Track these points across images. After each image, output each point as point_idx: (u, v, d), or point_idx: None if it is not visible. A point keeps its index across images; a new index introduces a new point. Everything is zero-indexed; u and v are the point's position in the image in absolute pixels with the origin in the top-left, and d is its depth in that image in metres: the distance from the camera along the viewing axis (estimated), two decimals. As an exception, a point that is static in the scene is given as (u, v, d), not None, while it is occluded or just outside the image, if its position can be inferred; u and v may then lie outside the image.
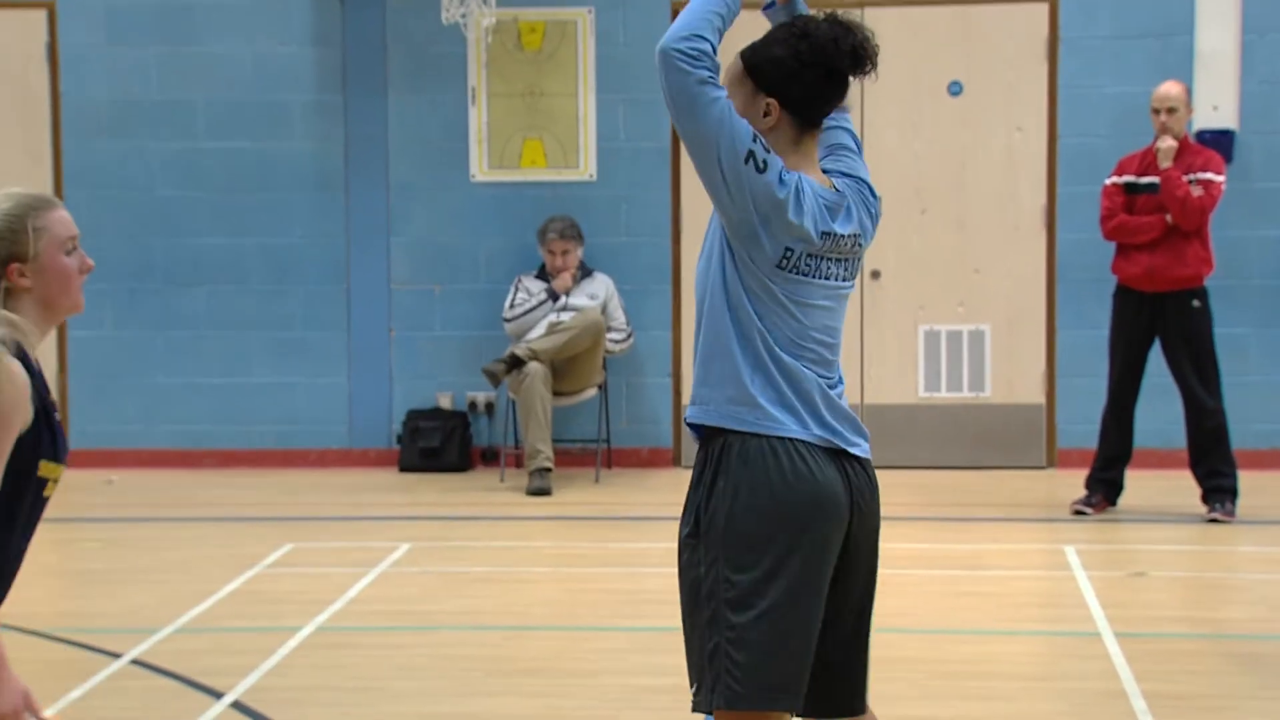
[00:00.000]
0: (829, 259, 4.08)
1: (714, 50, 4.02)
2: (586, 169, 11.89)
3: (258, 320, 12.00)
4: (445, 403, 12.04)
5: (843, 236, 4.09)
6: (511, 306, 11.59)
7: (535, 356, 11.19)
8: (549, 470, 11.09)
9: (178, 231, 11.96)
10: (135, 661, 6.94)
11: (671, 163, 11.83)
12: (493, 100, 11.91)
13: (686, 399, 6.92)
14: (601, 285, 11.61)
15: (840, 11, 4.12)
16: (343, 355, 12.04)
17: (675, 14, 11.82)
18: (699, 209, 11.82)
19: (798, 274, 4.03)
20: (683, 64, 3.99)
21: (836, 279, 4.10)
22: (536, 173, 11.92)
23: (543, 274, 11.64)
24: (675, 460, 11.90)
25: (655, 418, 11.94)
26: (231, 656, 6.99)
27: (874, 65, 4.04)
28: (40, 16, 11.89)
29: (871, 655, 4.29)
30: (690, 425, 4.14)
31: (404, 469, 11.84)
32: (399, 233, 12.01)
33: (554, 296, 11.53)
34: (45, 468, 4.02)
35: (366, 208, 11.98)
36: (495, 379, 11.27)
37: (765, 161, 3.95)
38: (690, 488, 4.13)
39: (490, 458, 11.99)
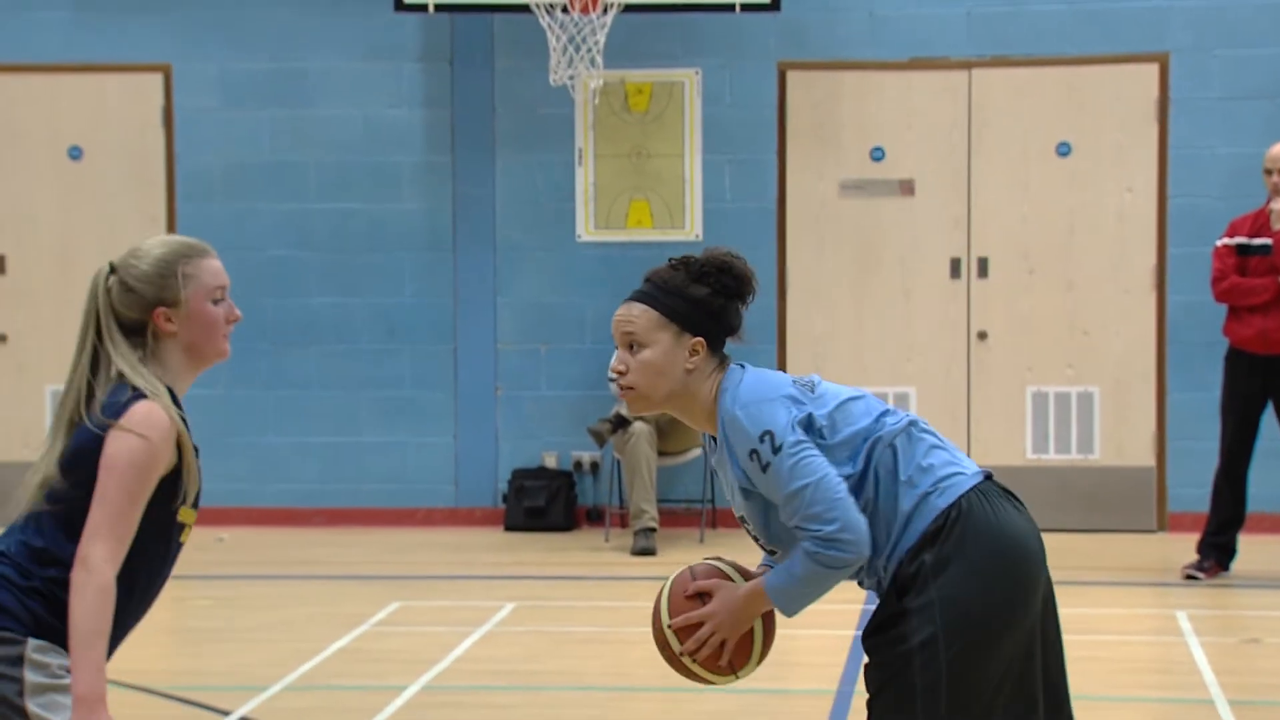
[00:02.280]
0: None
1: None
2: (692, 229, 11.92)
3: (367, 380, 12.09)
4: (550, 462, 12.07)
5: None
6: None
7: (640, 417, 11.21)
8: (654, 530, 11.09)
9: (289, 292, 12.09)
10: (244, 719, 6.98)
11: (777, 222, 11.83)
12: (599, 161, 11.97)
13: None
14: (707, 346, 11.61)
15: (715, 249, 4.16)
16: (450, 415, 12.10)
17: (781, 75, 11.90)
18: (804, 268, 11.82)
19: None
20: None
21: None
22: (642, 233, 11.96)
23: (648, 334, 11.65)
24: (781, 521, 11.84)
25: (761, 478, 11.89)
26: (338, 715, 7.02)
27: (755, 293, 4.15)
28: (157, 80, 12.09)
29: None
30: None
31: (509, 528, 11.87)
32: (506, 292, 12.08)
33: (660, 357, 11.53)
34: (183, 513, 4.13)
35: (474, 268, 12.06)
36: (600, 439, 11.29)
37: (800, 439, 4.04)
38: None
39: (595, 517, 12.00)
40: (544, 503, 11.85)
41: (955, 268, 11.71)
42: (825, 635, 8.33)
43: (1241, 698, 7.32)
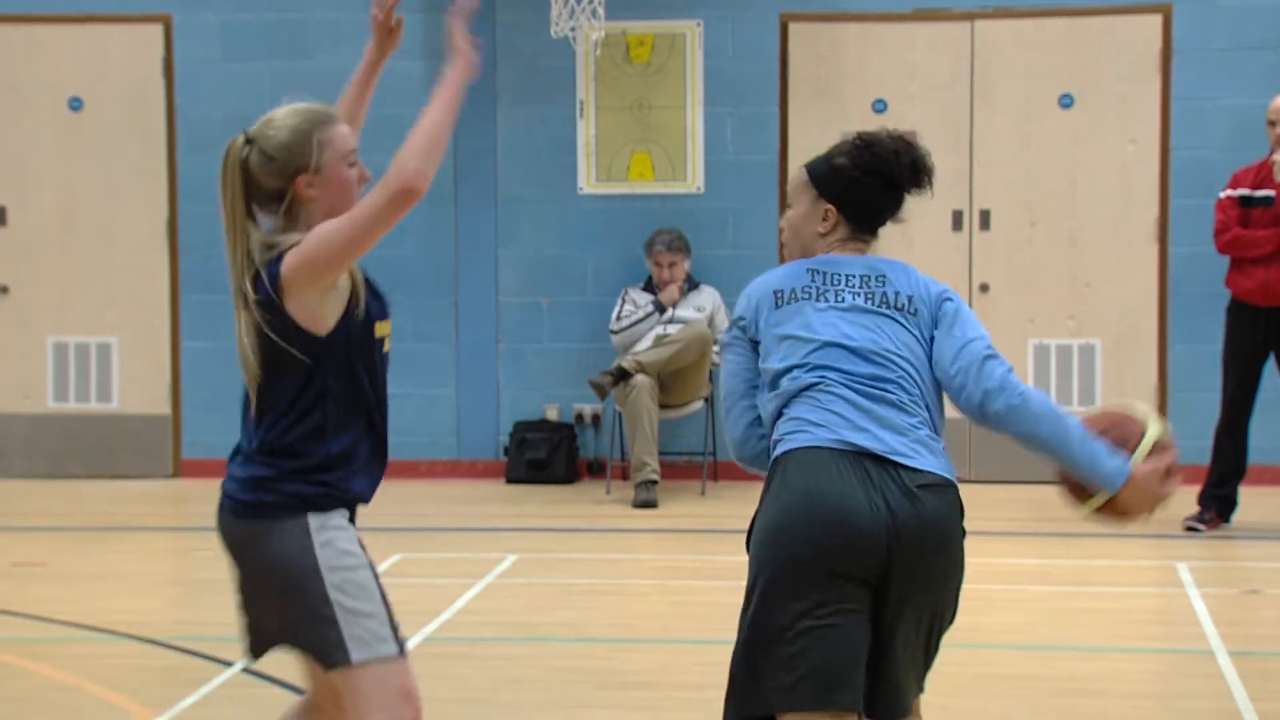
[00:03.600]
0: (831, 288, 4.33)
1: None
2: (694, 182, 11.90)
3: (368, 332, 12.08)
4: (552, 415, 12.09)
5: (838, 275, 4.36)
6: (618, 319, 11.62)
7: (642, 369, 11.20)
8: (655, 483, 11.10)
9: (289, 244, 12.06)
10: (246, 670, 7.00)
11: (779, 175, 11.81)
12: (601, 113, 11.94)
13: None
14: (708, 298, 11.61)
15: (904, 131, 4.35)
16: (451, 367, 12.11)
17: (783, 26, 11.86)
18: (807, 222, 11.81)
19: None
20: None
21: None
22: (644, 185, 11.95)
23: (650, 286, 11.66)
24: (782, 474, 11.86)
25: (762, 431, 11.91)
26: (341, 666, 7.03)
27: (930, 184, 4.31)
28: (157, 31, 12.05)
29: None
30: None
31: (510, 480, 11.89)
32: (507, 245, 12.07)
33: (661, 309, 11.54)
34: (379, 327, 4.47)
35: (476, 221, 12.05)
36: (602, 391, 11.29)
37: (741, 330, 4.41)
38: None
39: (596, 470, 12.02)
40: (545, 455, 11.87)
41: (957, 220, 11.70)
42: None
43: (1242, 648, 7.34)
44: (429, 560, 9.42)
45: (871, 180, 4.27)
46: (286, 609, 4.22)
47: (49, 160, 12.07)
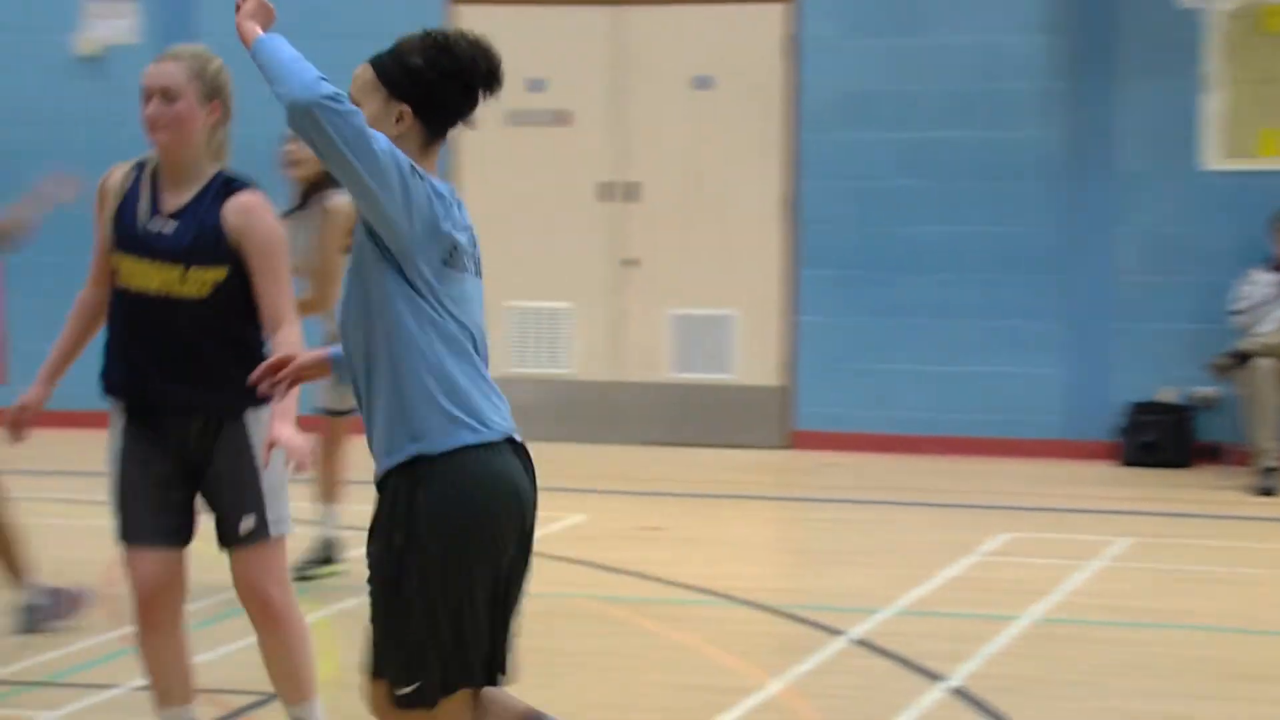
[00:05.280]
0: (469, 255, 4.04)
1: None
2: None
3: (977, 309, 12.05)
4: (1168, 396, 11.77)
5: (469, 229, 4.08)
6: (1240, 300, 11.22)
7: (1268, 352, 10.81)
8: (1276, 469, 10.69)
9: (902, 221, 12.15)
10: (857, 640, 7.10)
11: None
12: (1229, 87, 11.54)
13: None
14: (1341, 279, 11.09)
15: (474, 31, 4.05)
16: (1060, 346, 11.94)
17: None
18: None
19: (457, 270, 3.99)
20: (339, 107, 3.81)
21: (476, 274, 4.08)
22: (1272, 162, 11.48)
23: (1275, 265, 11.21)
24: None
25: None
26: (950, 642, 7.06)
27: (501, 86, 4.04)
28: (780, 10, 12.30)
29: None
30: None
31: (1127, 463, 11.64)
32: (1124, 223, 11.81)
33: (1288, 290, 11.09)
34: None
35: (1091, 197, 11.84)
36: (1223, 374, 10.94)
37: (420, 171, 3.93)
38: None
39: (1212, 454, 11.65)
40: (1158, 438, 11.58)
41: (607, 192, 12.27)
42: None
43: None
44: (1037, 540, 9.33)
45: (449, 84, 3.99)
46: None
47: (677, 137, 12.48)
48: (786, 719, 6.13)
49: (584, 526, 9.53)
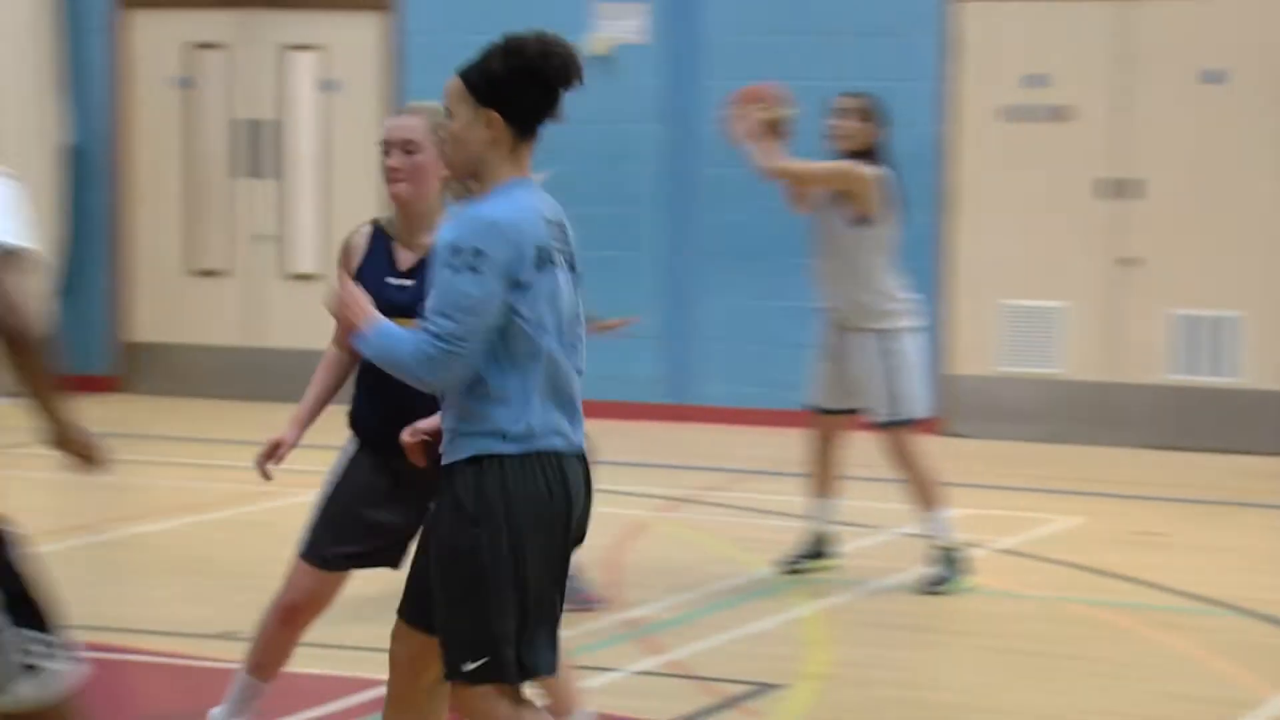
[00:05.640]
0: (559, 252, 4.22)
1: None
2: None
3: None
4: None
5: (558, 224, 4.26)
6: None
7: None
8: None
9: None
10: None
11: None
12: None
13: None
14: None
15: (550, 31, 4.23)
16: None
17: None
18: None
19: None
20: (440, 345, 4.08)
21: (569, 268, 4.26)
22: None
23: None
24: None
25: None
26: None
27: (581, 79, 4.20)
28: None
29: None
30: None
31: None
32: None
33: None
34: None
35: None
36: None
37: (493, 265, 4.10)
38: None
39: None
40: None
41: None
42: None
43: None
44: None
45: (526, 83, 4.18)
46: None
47: (1184, 133, 12.13)
48: (1290, 737, 5.92)
49: (1080, 530, 9.37)
